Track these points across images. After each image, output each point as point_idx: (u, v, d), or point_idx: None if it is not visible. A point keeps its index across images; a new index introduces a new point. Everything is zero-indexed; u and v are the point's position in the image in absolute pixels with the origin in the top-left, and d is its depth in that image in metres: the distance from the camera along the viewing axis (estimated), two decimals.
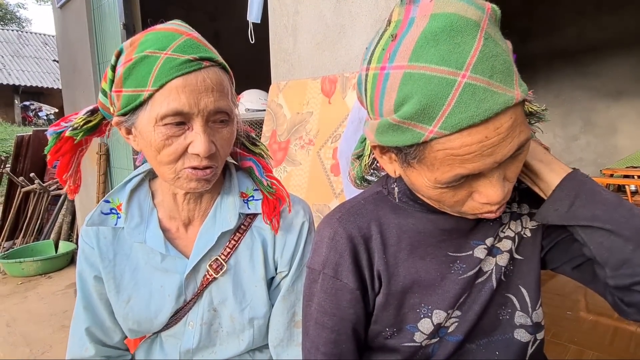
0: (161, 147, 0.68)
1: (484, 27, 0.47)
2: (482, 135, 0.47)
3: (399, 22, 0.51)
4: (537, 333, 0.68)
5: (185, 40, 0.68)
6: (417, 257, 0.67)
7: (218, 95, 0.68)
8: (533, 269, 0.68)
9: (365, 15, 1.45)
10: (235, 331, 0.83)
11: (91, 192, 3.68)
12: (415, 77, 0.47)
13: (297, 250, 0.85)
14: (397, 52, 0.49)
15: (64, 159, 0.81)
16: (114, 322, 0.87)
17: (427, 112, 0.47)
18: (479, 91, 0.45)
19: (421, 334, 0.65)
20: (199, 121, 0.67)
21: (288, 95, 1.69)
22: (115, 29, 2.95)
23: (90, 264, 0.84)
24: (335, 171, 1.46)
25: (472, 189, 0.54)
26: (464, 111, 0.46)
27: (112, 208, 0.82)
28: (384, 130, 0.53)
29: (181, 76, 0.65)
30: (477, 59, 0.45)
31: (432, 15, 0.47)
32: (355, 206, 0.70)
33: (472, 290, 0.66)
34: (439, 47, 0.46)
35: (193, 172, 0.70)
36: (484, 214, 0.57)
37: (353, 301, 0.66)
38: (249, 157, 0.85)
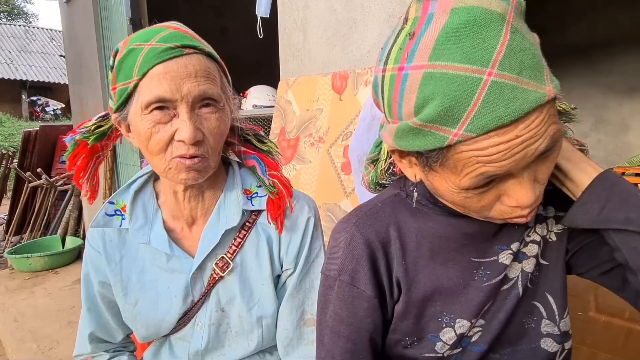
0: (149, 136, 0.68)
1: (509, 20, 0.43)
2: (512, 135, 0.43)
3: (417, 19, 0.47)
4: (565, 342, 0.64)
5: (171, 32, 0.69)
6: (438, 263, 0.64)
7: (202, 80, 0.68)
8: (559, 274, 0.65)
9: (377, 9, 1.41)
10: (244, 331, 0.83)
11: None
12: (437, 77, 0.43)
13: (303, 247, 0.84)
14: (416, 51, 0.45)
15: (81, 164, 0.82)
16: (117, 323, 0.88)
17: (451, 114, 0.43)
18: (507, 89, 0.42)
19: (443, 344, 0.62)
20: (183, 107, 0.67)
21: (297, 92, 1.66)
22: (122, 24, 2.92)
23: (95, 268, 0.84)
24: (346, 170, 1.43)
25: (501, 192, 0.51)
26: (491, 112, 0.42)
27: (116, 209, 0.82)
28: (403, 134, 0.49)
29: (162, 63, 0.65)
30: (504, 55, 0.42)
31: (452, 9, 0.44)
32: (372, 209, 0.67)
33: (497, 298, 0.63)
34: (461, 43, 0.42)
35: (181, 161, 0.69)
36: (514, 219, 0.54)
37: (370, 309, 0.64)
38: (252, 156, 0.84)
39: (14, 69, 14.51)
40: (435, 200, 0.63)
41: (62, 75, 15.02)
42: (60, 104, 14.67)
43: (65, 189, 4.43)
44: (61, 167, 5.05)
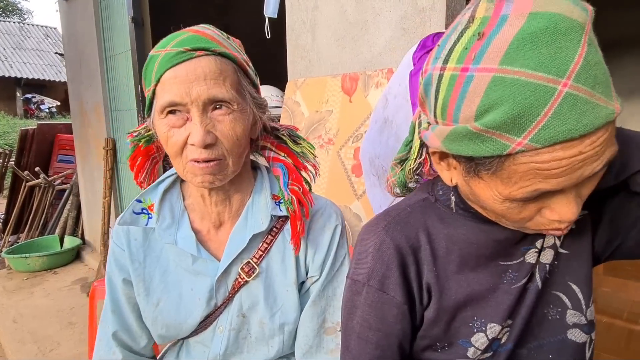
0: (166, 139, 0.70)
1: (587, 31, 0.42)
2: (576, 150, 0.42)
3: (487, 19, 0.45)
4: (592, 332, 0.64)
5: (188, 36, 0.69)
6: (467, 269, 0.63)
7: (212, 83, 0.67)
8: (584, 262, 0.64)
9: (389, 10, 1.40)
10: (264, 337, 0.82)
11: (97, 187, 3.65)
12: (507, 83, 0.42)
13: (329, 254, 0.83)
14: (485, 53, 0.43)
15: (139, 164, 0.85)
16: (141, 327, 0.86)
17: (518, 122, 0.42)
18: (580, 102, 0.40)
19: (475, 349, 0.62)
20: (195, 111, 0.67)
21: (306, 93, 1.65)
22: (123, 23, 2.90)
23: (120, 266, 0.83)
24: (357, 172, 1.43)
25: (544, 205, 0.50)
26: (562, 124, 0.41)
27: (143, 208, 0.82)
28: (458, 137, 0.48)
29: (171, 68, 0.67)
30: (581, 67, 0.40)
31: (531, 13, 0.42)
32: (401, 214, 0.66)
33: (524, 296, 0.63)
34: (538, 50, 0.41)
35: (195, 164, 0.69)
36: (549, 231, 0.53)
37: (400, 316, 0.63)
38: (280, 164, 0.83)
39: (9, 66, 14.38)
40: (467, 206, 0.62)
41: (57, 72, 14.90)
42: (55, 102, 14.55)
43: (63, 188, 4.39)
44: (59, 165, 5.01)
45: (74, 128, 4.11)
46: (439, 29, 1.29)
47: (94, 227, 3.88)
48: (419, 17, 1.32)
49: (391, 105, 1.27)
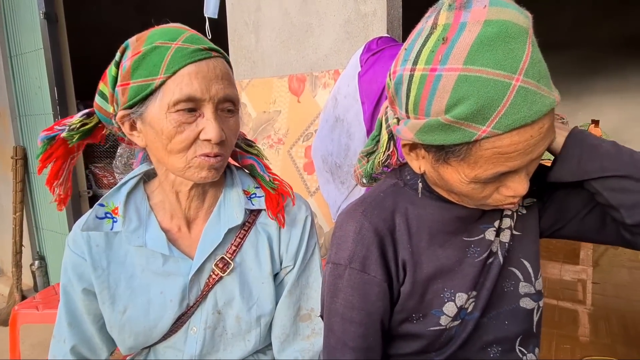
0: (173, 135, 0.68)
1: (531, 34, 0.51)
2: (528, 135, 0.51)
3: (448, 26, 0.52)
4: (540, 300, 0.75)
5: (192, 34, 0.71)
6: (436, 245, 0.70)
7: (227, 83, 0.70)
8: (533, 242, 0.74)
9: (333, 15, 1.47)
10: (241, 332, 0.82)
11: (4, 201, 3.25)
12: (472, 80, 0.49)
13: (301, 244, 0.86)
14: (450, 55, 0.50)
15: (55, 165, 0.78)
16: (102, 339, 0.82)
17: (482, 113, 0.49)
18: (529, 94, 0.49)
19: (446, 317, 0.69)
20: (209, 107, 0.69)
21: (252, 94, 1.65)
22: (33, 19, 2.62)
23: (78, 276, 0.78)
24: (309, 170, 1.47)
25: (501, 184, 0.58)
26: (517, 112, 0.49)
27: (107, 212, 0.78)
28: (430, 129, 0.54)
29: (193, 63, 0.67)
30: (529, 64, 0.49)
31: (486, 21, 0.49)
32: (376, 199, 0.71)
33: (486, 270, 0.71)
34: (495, 52, 0.48)
35: (205, 159, 0.70)
36: (505, 205, 0.62)
37: (381, 294, 0.68)
38: (248, 155, 0.85)
39: None
40: (432, 190, 0.70)
41: None
42: None
43: None
44: None
45: None
46: (381, 33, 1.39)
47: (2, 247, 3.44)
48: (362, 22, 1.41)
49: (341, 104, 1.34)
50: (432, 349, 0.71)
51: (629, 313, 2.58)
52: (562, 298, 2.84)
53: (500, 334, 0.72)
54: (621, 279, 3.14)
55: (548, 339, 2.30)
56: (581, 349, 2.21)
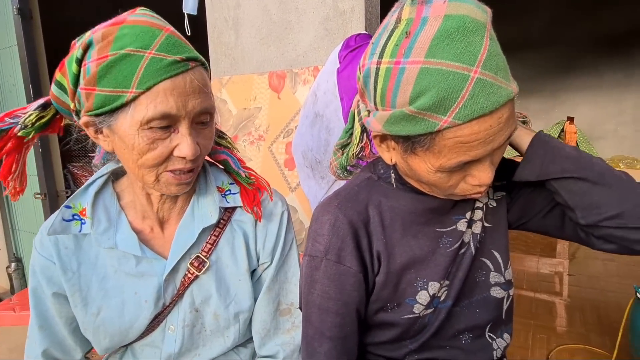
0: (145, 151, 0.65)
1: (489, 28, 0.53)
2: (487, 125, 0.53)
3: (411, 20, 0.54)
4: (509, 289, 0.78)
5: (167, 37, 0.64)
6: (410, 235, 0.72)
7: (204, 96, 0.67)
8: (502, 234, 0.77)
9: (312, 12, 1.48)
10: (219, 329, 0.82)
11: None
12: (433, 72, 0.51)
13: (278, 240, 0.86)
14: (413, 49, 0.53)
15: (9, 159, 0.72)
16: (75, 340, 0.80)
17: (443, 104, 0.51)
18: (487, 85, 0.51)
19: (419, 305, 0.71)
20: (185, 123, 0.65)
21: (232, 91, 1.65)
22: (6, 14, 2.56)
23: (47, 279, 0.76)
24: (289, 165, 1.48)
25: (466, 173, 0.61)
26: (476, 103, 0.51)
27: (74, 214, 0.75)
28: (396, 120, 0.57)
29: (169, 78, 0.62)
30: (486, 57, 0.51)
31: (446, 15, 0.52)
32: (350, 193, 0.73)
33: (458, 260, 0.74)
34: (454, 45, 0.51)
35: (176, 176, 0.69)
36: (472, 195, 0.64)
37: (356, 284, 0.69)
38: (221, 150, 0.83)
39: None
40: (405, 182, 0.72)
41: None
42: None
43: None
44: None
45: None
46: (359, 30, 1.41)
47: None
48: (341, 19, 1.42)
49: (321, 100, 1.35)
50: (406, 337, 0.73)
51: (602, 303, 2.67)
52: (539, 290, 2.92)
53: (471, 321, 0.75)
54: (595, 271, 3.25)
55: (525, 329, 2.36)
56: (557, 338, 2.28)
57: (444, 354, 0.75)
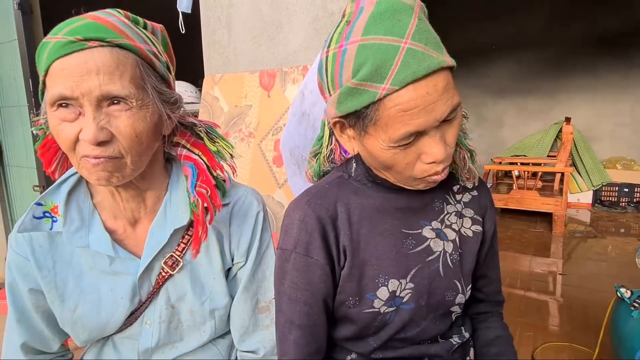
0: (57, 133, 0.65)
1: (417, 11, 0.59)
2: (424, 91, 0.57)
3: (352, 13, 0.62)
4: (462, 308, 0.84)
5: (85, 22, 0.63)
6: (376, 233, 0.75)
7: (106, 78, 0.62)
8: (471, 261, 0.81)
9: (302, 12, 1.51)
10: (196, 324, 0.83)
11: None
12: (368, 47, 0.57)
13: (253, 240, 0.86)
14: (352, 32, 0.59)
15: (49, 153, 0.78)
16: (53, 332, 0.82)
17: (380, 72, 0.57)
18: (418, 54, 0.56)
19: (379, 300, 0.74)
20: (87, 106, 0.62)
21: (224, 88, 1.69)
22: (7, 9, 2.60)
23: (23, 276, 0.77)
24: (277, 162, 1.51)
25: (420, 151, 0.64)
26: (408, 69, 0.56)
27: (45, 211, 0.75)
28: (343, 98, 0.61)
29: (60, 58, 0.61)
30: (415, 31, 0.57)
31: (377, 1, 0.59)
32: (321, 190, 0.77)
33: (423, 266, 0.77)
34: (384, 22, 0.57)
35: (87, 160, 0.64)
36: (432, 176, 0.67)
37: (324, 276, 0.73)
38: (190, 163, 0.79)
39: None
40: (374, 179, 0.75)
41: None
42: None
43: None
44: None
45: None
46: None
47: None
48: (330, 20, 1.46)
49: (308, 99, 1.38)
50: (368, 333, 0.77)
51: (590, 302, 2.70)
52: (530, 289, 2.95)
53: (432, 331, 0.79)
54: (586, 271, 3.28)
55: (512, 327, 2.38)
56: (543, 336, 2.31)
57: (408, 352, 0.79)
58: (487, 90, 6.15)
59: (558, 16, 5.39)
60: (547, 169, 4.58)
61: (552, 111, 5.68)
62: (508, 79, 5.97)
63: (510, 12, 5.61)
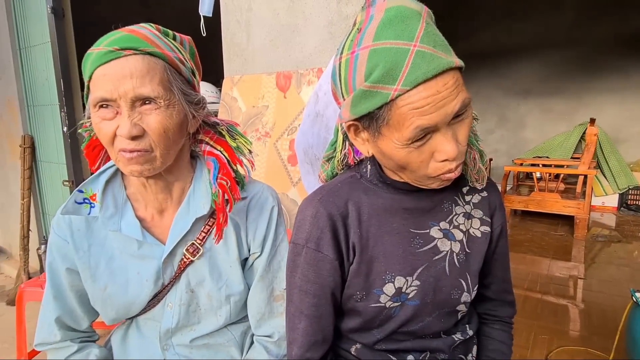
0: (98, 130, 0.75)
1: (424, 16, 0.62)
2: (434, 90, 0.60)
3: (362, 21, 0.65)
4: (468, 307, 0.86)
5: (121, 35, 0.73)
6: (384, 231, 0.78)
7: (138, 81, 0.72)
8: (478, 261, 0.83)
9: (317, 16, 1.55)
10: (212, 308, 0.90)
11: (13, 188, 3.39)
12: (379, 51, 0.60)
13: (268, 232, 0.92)
14: (363, 39, 0.63)
15: (94, 153, 0.90)
16: (84, 311, 0.90)
17: (391, 74, 0.59)
18: (427, 55, 0.59)
19: (385, 295, 0.77)
20: (123, 105, 0.72)
21: (243, 89, 1.75)
22: (41, 13, 2.74)
23: (62, 256, 0.86)
24: (292, 161, 1.56)
25: (433, 149, 0.66)
26: (418, 70, 0.59)
27: (85, 198, 0.85)
28: (357, 100, 0.64)
29: (101, 66, 0.72)
30: (423, 34, 0.60)
31: (386, 9, 0.62)
32: (333, 188, 0.81)
33: (430, 265, 0.79)
34: (394, 28, 0.60)
35: (123, 154, 0.74)
36: (445, 174, 0.69)
37: (332, 270, 0.77)
38: (212, 158, 0.88)
39: None
40: (384, 179, 0.79)
41: None
42: None
43: None
44: None
45: None
46: None
47: (10, 231, 3.59)
48: (344, 23, 1.50)
49: (322, 101, 1.43)
50: (373, 325, 0.80)
51: (610, 307, 2.65)
52: (546, 292, 2.91)
53: (436, 327, 0.82)
54: (609, 276, 3.21)
55: (527, 330, 2.38)
56: (558, 340, 2.29)
57: (410, 345, 0.82)
58: (511, 91, 6.05)
59: (586, 14, 5.25)
60: (569, 171, 4.48)
61: (578, 112, 5.54)
62: (533, 79, 5.86)
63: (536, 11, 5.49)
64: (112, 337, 0.99)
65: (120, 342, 0.95)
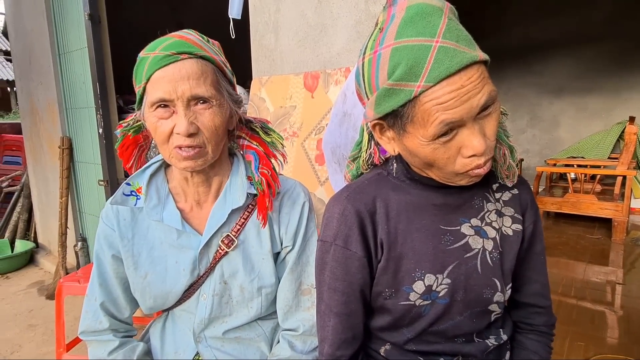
0: (155, 129, 0.81)
1: (446, 12, 0.62)
2: (458, 84, 0.59)
3: (384, 21, 0.65)
4: (503, 307, 0.84)
5: (174, 41, 0.80)
6: (413, 228, 0.78)
7: (194, 82, 0.78)
8: (511, 260, 0.81)
9: (345, 16, 1.55)
10: (244, 300, 0.93)
11: (51, 187, 3.55)
12: (401, 49, 0.60)
13: (300, 227, 0.96)
14: (385, 38, 0.63)
15: (127, 152, 0.97)
16: (126, 299, 0.96)
17: (414, 71, 0.59)
18: (450, 51, 0.58)
19: (415, 293, 0.77)
20: (180, 105, 0.78)
21: (271, 90, 1.77)
22: (79, 19, 2.86)
23: (109, 244, 0.93)
24: (319, 161, 1.57)
25: (460, 145, 0.65)
26: (441, 65, 0.58)
27: (132, 190, 0.92)
28: (381, 99, 0.64)
29: (161, 68, 0.78)
30: (445, 30, 0.59)
31: (407, 7, 0.62)
32: (360, 186, 0.81)
33: (461, 262, 0.78)
34: (416, 25, 0.60)
35: (179, 151, 0.80)
36: (474, 170, 0.67)
37: (360, 267, 0.77)
38: (252, 151, 0.94)
39: None
40: (412, 176, 0.78)
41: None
42: None
43: (11, 191, 4.21)
44: (4, 167, 4.77)
45: (24, 127, 3.94)
46: None
47: (49, 229, 3.76)
48: (372, 22, 1.49)
49: (349, 100, 1.43)
50: (402, 324, 0.79)
51: None
52: (582, 298, 2.80)
53: (468, 328, 0.80)
54: None
55: (562, 336, 2.30)
56: (595, 346, 2.20)
57: (441, 348, 0.81)
58: (544, 89, 5.86)
59: (623, 8, 5.02)
60: (607, 172, 4.29)
61: (615, 110, 5.31)
62: (567, 77, 5.65)
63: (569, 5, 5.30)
64: (151, 330, 1.03)
65: (159, 335, 0.99)
